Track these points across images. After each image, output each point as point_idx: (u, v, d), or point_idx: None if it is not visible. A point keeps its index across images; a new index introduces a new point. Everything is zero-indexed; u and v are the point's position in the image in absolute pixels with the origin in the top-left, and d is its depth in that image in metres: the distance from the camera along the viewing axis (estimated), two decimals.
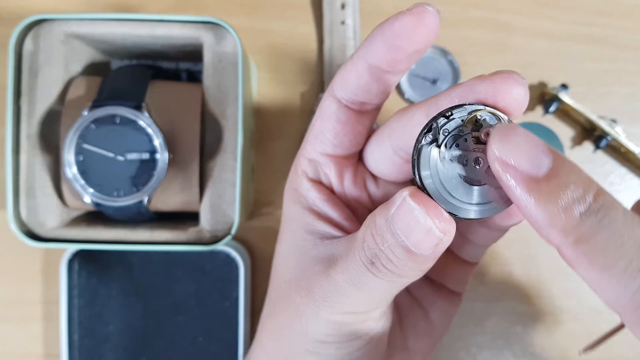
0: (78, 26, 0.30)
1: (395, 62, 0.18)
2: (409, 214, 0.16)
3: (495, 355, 0.38)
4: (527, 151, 0.15)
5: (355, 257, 0.18)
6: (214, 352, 0.35)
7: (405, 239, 0.17)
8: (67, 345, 0.34)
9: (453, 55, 0.38)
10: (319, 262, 0.21)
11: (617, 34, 0.40)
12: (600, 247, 0.14)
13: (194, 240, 0.31)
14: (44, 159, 0.31)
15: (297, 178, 0.23)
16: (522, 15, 0.39)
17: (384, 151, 0.21)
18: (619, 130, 0.38)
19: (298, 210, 0.22)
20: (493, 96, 0.16)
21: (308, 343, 0.21)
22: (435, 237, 0.16)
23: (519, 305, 0.38)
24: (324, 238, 0.21)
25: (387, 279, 0.18)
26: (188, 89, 0.32)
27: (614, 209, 0.15)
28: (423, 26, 0.17)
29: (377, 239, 0.18)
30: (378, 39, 0.18)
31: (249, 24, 0.38)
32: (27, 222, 0.30)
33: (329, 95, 0.21)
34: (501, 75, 0.17)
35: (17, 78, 0.30)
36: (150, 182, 0.29)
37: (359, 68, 0.19)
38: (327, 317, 0.20)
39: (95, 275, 0.35)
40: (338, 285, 0.19)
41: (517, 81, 0.16)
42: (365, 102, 0.20)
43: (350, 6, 0.37)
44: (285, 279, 0.22)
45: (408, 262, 0.17)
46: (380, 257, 0.18)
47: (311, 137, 0.22)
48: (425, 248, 0.17)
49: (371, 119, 0.22)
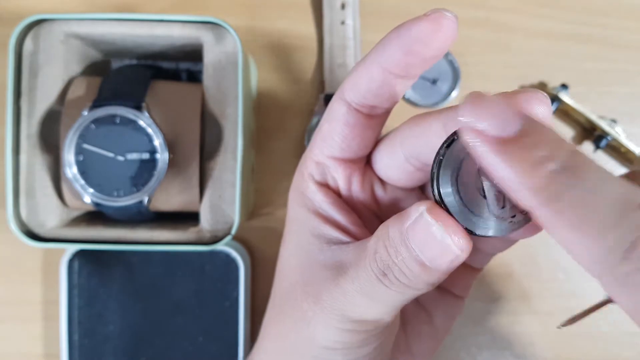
0: (78, 26, 0.30)
1: (410, 67, 0.18)
2: (426, 229, 0.16)
3: (495, 355, 0.38)
4: (495, 114, 0.15)
5: (367, 268, 0.18)
6: (214, 352, 0.35)
7: (420, 253, 0.17)
8: (67, 345, 0.34)
9: (453, 55, 0.38)
10: (327, 268, 0.20)
11: (617, 34, 0.40)
12: (572, 204, 0.14)
13: (194, 240, 0.31)
14: (44, 159, 0.31)
15: (303, 181, 0.22)
16: (522, 15, 0.39)
17: (394, 157, 0.21)
18: (619, 130, 0.38)
19: (304, 213, 0.22)
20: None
21: (315, 349, 0.21)
22: (452, 253, 0.16)
23: (519, 305, 0.38)
24: (331, 243, 0.21)
25: (399, 290, 0.18)
26: (188, 89, 0.32)
27: (585, 166, 0.14)
28: (441, 32, 0.17)
29: (390, 251, 0.17)
30: (394, 43, 0.18)
31: (249, 24, 0.38)
32: (27, 222, 0.30)
33: (339, 98, 0.21)
34: (525, 94, 0.16)
35: (17, 78, 0.30)
36: (150, 182, 0.29)
37: (372, 72, 0.19)
38: (335, 324, 0.20)
39: (95, 275, 0.35)
40: (348, 294, 0.19)
41: (542, 101, 0.16)
42: (375, 106, 0.20)
43: (350, 6, 0.37)
44: (291, 283, 0.22)
45: (421, 276, 0.17)
46: (393, 269, 0.18)
47: (319, 139, 0.22)
48: (441, 263, 0.17)
49: (380, 123, 0.21)
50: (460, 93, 0.38)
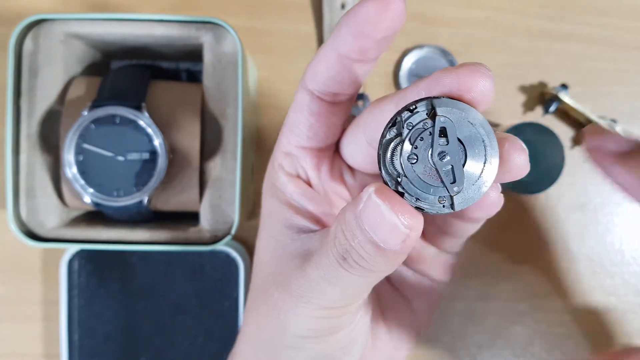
0: (78, 26, 0.30)
1: (364, 51, 0.18)
2: (376, 210, 0.16)
3: (495, 355, 0.38)
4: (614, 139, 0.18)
5: (328, 253, 0.18)
6: (214, 352, 0.35)
7: (373, 234, 0.17)
8: (67, 345, 0.34)
9: (453, 55, 0.38)
10: (296, 257, 0.21)
11: (617, 34, 0.40)
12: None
13: (194, 240, 0.31)
14: (44, 159, 0.31)
15: (274, 172, 0.23)
16: (522, 15, 0.39)
17: (358, 143, 0.21)
18: (619, 130, 0.38)
19: (276, 205, 0.22)
20: (458, 89, 0.16)
21: (288, 338, 0.21)
22: (401, 233, 0.16)
23: (519, 305, 0.38)
24: (302, 232, 0.21)
25: (360, 274, 0.18)
26: (188, 89, 0.32)
27: None
28: (388, 11, 0.17)
29: (347, 235, 0.17)
30: (344, 27, 0.18)
31: (249, 24, 0.38)
32: (27, 222, 0.30)
33: (301, 87, 0.21)
34: (466, 67, 0.16)
35: (17, 78, 0.30)
36: (150, 182, 0.29)
37: (328, 58, 0.19)
38: (304, 312, 0.20)
39: (95, 275, 0.35)
40: (312, 281, 0.19)
41: (483, 74, 0.16)
42: (337, 92, 0.20)
43: (350, 6, 0.37)
44: (264, 274, 0.22)
45: (378, 258, 0.17)
46: (352, 252, 0.18)
47: (286, 130, 0.22)
48: (393, 244, 0.16)
49: (345, 110, 0.21)
50: None
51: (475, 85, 0.16)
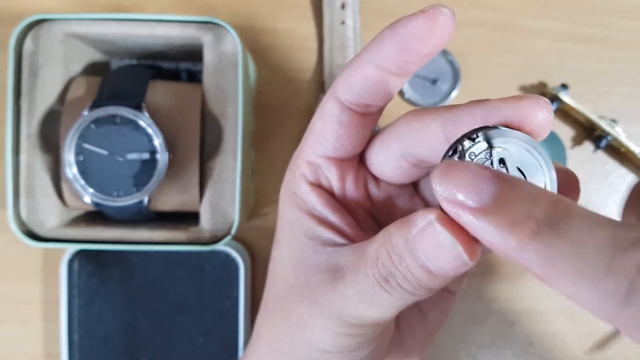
0: (78, 26, 0.30)
1: (406, 65, 0.18)
2: (434, 238, 0.16)
3: (495, 355, 0.38)
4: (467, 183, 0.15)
5: (368, 273, 0.18)
6: (214, 352, 0.35)
7: (427, 261, 0.17)
8: (67, 345, 0.34)
9: (453, 55, 0.38)
10: (323, 270, 0.20)
11: (617, 34, 0.40)
12: (562, 256, 0.13)
13: (194, 240, 0.31)
14: (44, 159, 0.31)
15: (295, 181, 0.22)
16: (523, 15, 0.39)
17: (390, 154, 0.21)
18: (619, 130, 0.38)
19: (297, 214, 0.22)
20: (519, 122, 0.16)
21: (311, 352, 0.21)
22: (463, 262, 0.16)
23: (519, 305, 0.38)
24: (326, 244, 0.21)
25: (399, 296, 0.18)
26: (188, 89, 0.32)
27: (568, 215, 0.14)
28: (438, 28, 0.17)
29: (394, 258, 0.17)
30: (389, 40, 0.18)
31: (249, 24, 0.38)
32: (27, 222, 0.30)
33: (331, 97, 0.20)
34: (528, 100, 0.16)
35: (17, 78, 0.30)
36: (150, 182, 0.29)
37: (366, 70, 0.19)
38: (332, 328, 0.20)
39: (95, 275, 0.35)
40: (346, 299, 0.19)
41: (544, 107, 0.16)
42: (369, 104, 0.20)
43: (350, 6, 0.37)
44: (285, 285, 0.22)
45: (426, 282, 0.17)
46: (397, 275, 0.18)
47: (311, 139, 0.21)
48: (449, 270, 0.17)
49: (373, 121, 0.21)
50: (460, 93, 0.38)
51: (536, 118, 0.16)
